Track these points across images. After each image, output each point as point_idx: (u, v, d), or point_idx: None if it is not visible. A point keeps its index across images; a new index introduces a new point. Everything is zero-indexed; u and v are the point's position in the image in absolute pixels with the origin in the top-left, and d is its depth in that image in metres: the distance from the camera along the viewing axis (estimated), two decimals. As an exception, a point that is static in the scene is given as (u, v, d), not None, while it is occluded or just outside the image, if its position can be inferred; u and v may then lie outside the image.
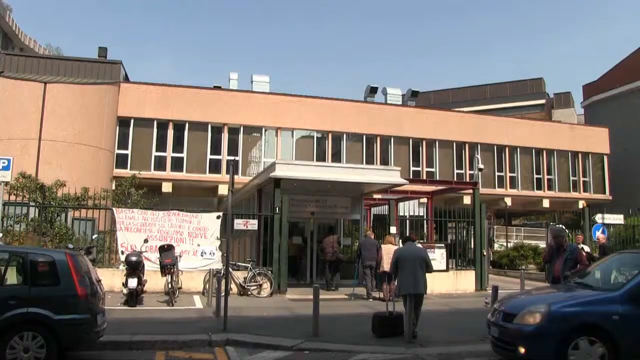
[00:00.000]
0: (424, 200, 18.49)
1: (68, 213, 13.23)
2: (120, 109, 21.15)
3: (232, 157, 15.43)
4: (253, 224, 12.82)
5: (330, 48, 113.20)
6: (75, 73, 20.57)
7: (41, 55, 30.54)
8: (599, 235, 12.93)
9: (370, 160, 24.03)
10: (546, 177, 27.42)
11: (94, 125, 19.47)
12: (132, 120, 21.67)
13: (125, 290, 9.97)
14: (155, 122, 21.92)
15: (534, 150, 27.31)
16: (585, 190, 28.09)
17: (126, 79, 23.17)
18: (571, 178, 27.94)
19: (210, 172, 22.35)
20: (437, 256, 13.01)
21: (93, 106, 19.58)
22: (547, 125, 29.24)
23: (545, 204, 27.07)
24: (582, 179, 28.09)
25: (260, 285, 12.15)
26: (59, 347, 5.54)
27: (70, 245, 10.61)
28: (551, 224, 20.37)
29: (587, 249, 11.99)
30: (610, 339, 5.06)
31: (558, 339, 5.06)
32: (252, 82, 25.91)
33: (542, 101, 45.12)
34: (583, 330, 5.12)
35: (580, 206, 25.00)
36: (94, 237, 12.57)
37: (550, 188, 27.47)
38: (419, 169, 25.03)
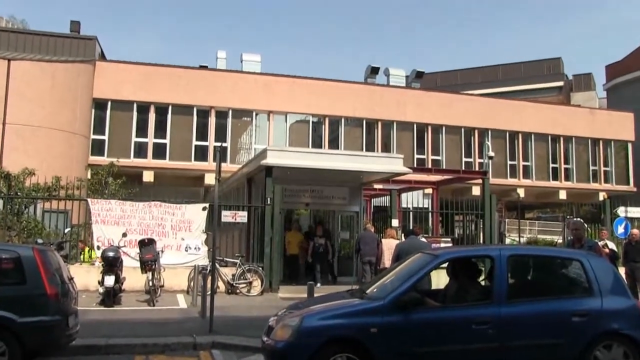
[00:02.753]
0: (429, 190, 18.51)
1: (37, 205, 13.17)
2: (96, 90, 20.99)
3: (219, 144, 15.29)
4: (242, 216, 12.84)
5: (327, 24, 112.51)
6: (44, 49, 20.30)
7: (3, 28, 30.05)
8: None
9: (370, 147, 24.02)
10: (563, 166, 27.49)
11: (67, 107, 19.30)
12: (109, 103, 21.53)
13: (101, 289, 9.97)
14: (135, 105, 21.79)
15: (550, 137, 27.33)
16: (606, 181, 28.17)
17: (102, 57, 22.94)
18: (591, 167, 28.01)
19: (195, 159, 22.31)
20: (443, 252, 13.03)
21: (65, 86, 19.38)
22: (564, 110, 29.23)
23: (562, 195, 27.17)
24: (603, 168, 28.15)
25: (250, 283, 12.17)
26: (23, 353, 5.46)
27: (40, 240, 10.60)
28: (568, 217, 20.42)
29: (611, 245, 11.85)
30: (368, 355, 4.81)
31: (307, 357, 4.78)
32: (242, 62, 25.86)
33: (560, 83, 45.01)
34: (339, 346, 4.86)
35: (601, 198, 25.09)
36: (66, 231, 12.53)
37: (567, 178, 27.55)
38: (424, 156, 25.04)
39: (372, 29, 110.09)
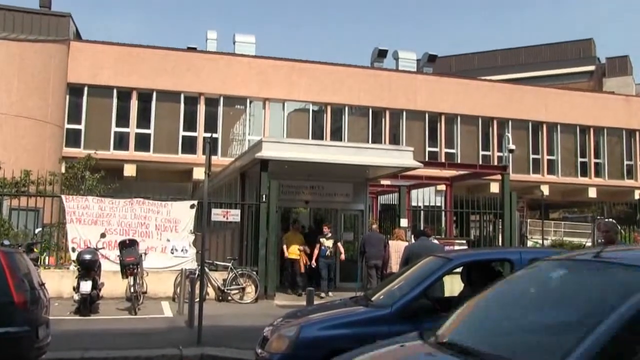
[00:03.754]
0: (442, 187, 18.55)
1: (4, 202, 13.16)
2: (70, 73, 20.98)
3: (209, 134, 15.30)
4: (234, 215, 12.84)
5: (329, 2, 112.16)
6: (10, 27, 20.22)
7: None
8: None
9: (377, 139, 24.07)
10: (593, 160, 27.45)
11: (37, 93, 19.28)
12: (85, 88, 21.54)
13: (76, 296, 9.96)
14: (114, 91, 21.80)
15: (578, 128, 27.29)
16: (643, 177, 28.09)
17: (78, 37, 22.91)
18: (625, 162, 27.96)
19: (183, 152, 22.38)
20: (458, 255, 13.04)
21: (35, 69, 19.35)
22: (596, 97, 29.17)
23: (592, 193, 27.14)
24: (639, 163, 28.04)
25: (243, 289, 12.22)
26: None
27: (7, 242, 10.60)
28: (598, 217, 20.46)
29: None
30: None
31: None
32: (234, 43, 25.95)
33: (591, 67, 44.83)
34: None
35: (637, 197, 25.06)
36: (37, 231, 12.52)
37: (598, 174, 27.51)
38: (437, 149, 25.06)
39: (380, 7, 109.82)
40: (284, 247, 13.38)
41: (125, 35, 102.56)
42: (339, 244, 13.32)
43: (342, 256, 13.36)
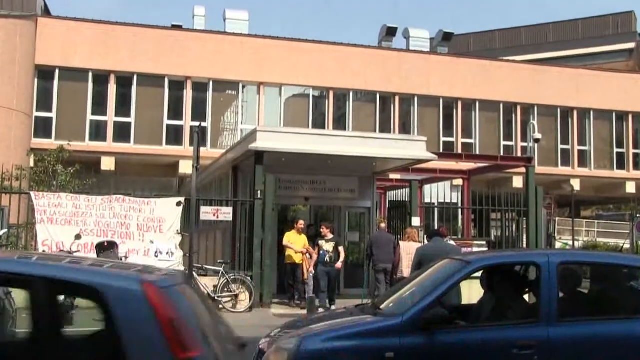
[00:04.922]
0: (459, 182, 18.61)
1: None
2: (39, 54, 20.97)
3: (197, 123, 15.35)
4: (226, 214, 12.90)
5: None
6: (-33, 1, 20.19)
7: None
8: None
9: (385, 128, 24.13)
10: (632, 151, 27.46)
11: (1, 76, 19.29)
12: (56, 71, 21.55)
13: (48, 305, 10.00)
14: (90, 74, 21.82)
15: (614, 114, 27.27)
16: (690, 170, 28.05)
17: (46, 12, 22.91)
18: (670, 153, 27.89)
19: (167, 143, 22.44)
20: (477, 257, 13.10)
21: (-2, 49, 19.33)
22: (636, 79, 29.06)
23: (630, 188, 27.16)
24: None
25: (236, 296, 12.29)
26: None
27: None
28: (638, 215, 20.43)
29: None
30: None
31: None
32: (224, 20, 25.90)
33: (631, 45, 44.56)
34: None
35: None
36: (2, 232, 12.55)
37: (637, 167, 27.54)
38: (452, 139, 25.12)
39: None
40: (286, 250, 12.88)
41: (101, 10, 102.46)
42: (341, 249, 12.65)
43: (339, 264, 12.39)
